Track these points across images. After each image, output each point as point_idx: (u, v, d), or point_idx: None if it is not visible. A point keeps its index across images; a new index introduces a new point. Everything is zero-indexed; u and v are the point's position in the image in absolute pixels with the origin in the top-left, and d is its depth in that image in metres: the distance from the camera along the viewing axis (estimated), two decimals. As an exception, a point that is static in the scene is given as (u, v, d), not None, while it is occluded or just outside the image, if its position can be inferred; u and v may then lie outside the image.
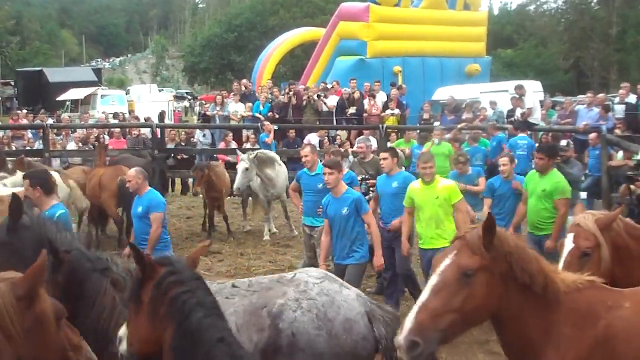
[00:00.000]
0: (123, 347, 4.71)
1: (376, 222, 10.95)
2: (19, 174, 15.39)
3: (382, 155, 12.05)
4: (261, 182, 17.55)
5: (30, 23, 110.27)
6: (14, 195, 7.00)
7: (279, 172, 17.69)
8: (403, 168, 14.42)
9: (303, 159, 12.66)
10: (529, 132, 20.78)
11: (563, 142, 15.68)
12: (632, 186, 12.39)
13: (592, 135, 19.44)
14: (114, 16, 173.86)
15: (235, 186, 16.84)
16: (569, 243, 6.66)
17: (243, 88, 28.49)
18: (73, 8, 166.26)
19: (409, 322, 4.84)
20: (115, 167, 16.98)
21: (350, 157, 17.11)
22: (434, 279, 5.06)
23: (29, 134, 25.46)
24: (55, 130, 25.62)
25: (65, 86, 53.91)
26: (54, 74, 62.59)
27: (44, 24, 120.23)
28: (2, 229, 6.53)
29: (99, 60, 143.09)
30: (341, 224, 10.20)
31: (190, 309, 4.41)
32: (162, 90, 73.77)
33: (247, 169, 16.63)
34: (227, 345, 4.35)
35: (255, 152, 17.71)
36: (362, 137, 20.08)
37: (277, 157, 18.30)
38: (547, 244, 10.77)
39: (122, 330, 4.76)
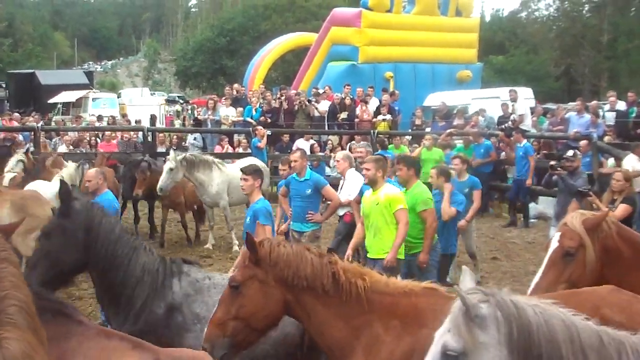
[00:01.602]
0: None
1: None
2: (71, 165, 16.33)
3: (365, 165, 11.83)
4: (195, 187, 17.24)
5: (23, 25, 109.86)
6: (62, 181, 7.75)
7: (214, 177, 17.00)
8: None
9: (292, 164, 12.60)
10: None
11: (570, 152, 15.60)
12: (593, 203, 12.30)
13: (583, 142, 19.51)
14: (106, 19, 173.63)
15: (158, 186, 16.16)
16: (554, 242, 6.68)
17: (234, 92, 28.51)
18: (66, 10, 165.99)
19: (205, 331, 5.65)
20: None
21: (332, 162, 16.86)
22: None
23: (19, 136, 25.36)
24: (44, 133, 25.55)
25: (57, 89, 53.72)
26: (45, 77, 62.31)
27: (37, 26, 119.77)
28: (54, 215, 7.41)
29: (91, 63, 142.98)
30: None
31: None
32: (154, 94, 73.68)
33: (171, 169, 16.11)
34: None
35: (185, 154, 17.42)
36: (362, 142, 19.99)
37: (219, 163, 17.46)
38: (420, 257, 10.50)
39: None
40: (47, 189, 15.48)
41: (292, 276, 5.49)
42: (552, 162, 14.88)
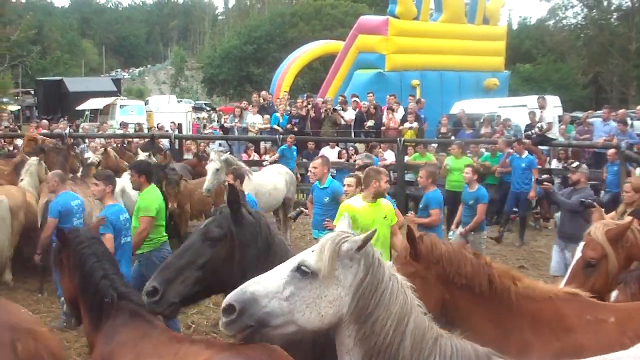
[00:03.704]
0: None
1: None
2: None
3: (347, 181, 11.29)
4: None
5: (51, 33, 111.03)
6: (231, 185, 6.98)
7: (244, 186, 16.37)
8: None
9: (312, 171, 12.58)
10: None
11: (574, 164, 15.32)
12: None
13: (611, 151, 19.32)
14: (134, 27, 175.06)
15: (205, 187, 15.90)
16: (577, 252, 6.67)
17: (261, 100, 28.56)
18: (94, 18, 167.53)
19: None
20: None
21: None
22: None
23: (48, 142, 25.53)
24: (72, 140, 25.71)
25: (85, 96, 54.17)
26: (73, 84, 62.90)
27: (65, 34, 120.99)
28: (226, 219, 6.27)
29: (118, 70, 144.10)
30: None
31: (86, 258, 6.14)
32: (181, 101, 73.98)
33: (217, 169, 15.92)
34: (109, 280, 6.05)
35: (226, 155, 17.23)
36: (362, 154, 19.85)
37: (248, 170, 16.81)
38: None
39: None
40: None
41: (454, 274, 5.40)
42: (545, 176, 14.48)
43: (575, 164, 15.15)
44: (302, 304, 4.14)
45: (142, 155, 18.77)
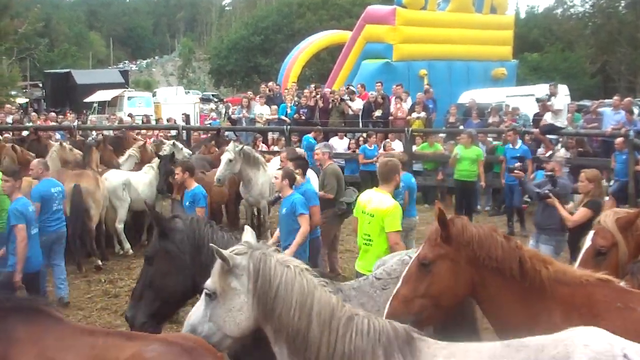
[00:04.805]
0: None
1: None
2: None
3: (275, 174, 11.18)
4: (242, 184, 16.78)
5: (59, 25, 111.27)
6: (150, 207, 7.88)
7: (260, 176, 16.65)
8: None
9: (280, 164, 12.53)
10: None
11: (548, 153, 15.14)
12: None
13: (619, 140, 19.25)
14: (141, 19, 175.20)
15: (215, 177, 15.79)
16: (588, 241, 6.67)
17: (268, 91, 28.57)
18: (101, 11, 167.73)
19: (386, 308, 5.47)
20: (78, 172, 15.76)
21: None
22: (405, 270, 5.69)
23: (56, 134, 25.61)
24: (80, 132, 25.77)
25: (93, 88, 54.18)
26: (81, 76, 62.91)
27: (73, 27, 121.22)
28: (155, 237, 6.84)
29: (126, 62, 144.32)
30: None
31: None
32: (189, 92, 74.01)
33: (231, 160, 15.83)
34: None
35: (243, 145, 17.04)
36: (320, 144, 19.73)
37: (264, 162, 17.12)
38: None
39: None
40: (115, 177, 16.43)
41: (484, 257, 5.40)
42: (517, 164, 14.36)
43: (549, 153, 15.06)
44: (220, 319, 4.82)
45: (168, 145, 18.98)
